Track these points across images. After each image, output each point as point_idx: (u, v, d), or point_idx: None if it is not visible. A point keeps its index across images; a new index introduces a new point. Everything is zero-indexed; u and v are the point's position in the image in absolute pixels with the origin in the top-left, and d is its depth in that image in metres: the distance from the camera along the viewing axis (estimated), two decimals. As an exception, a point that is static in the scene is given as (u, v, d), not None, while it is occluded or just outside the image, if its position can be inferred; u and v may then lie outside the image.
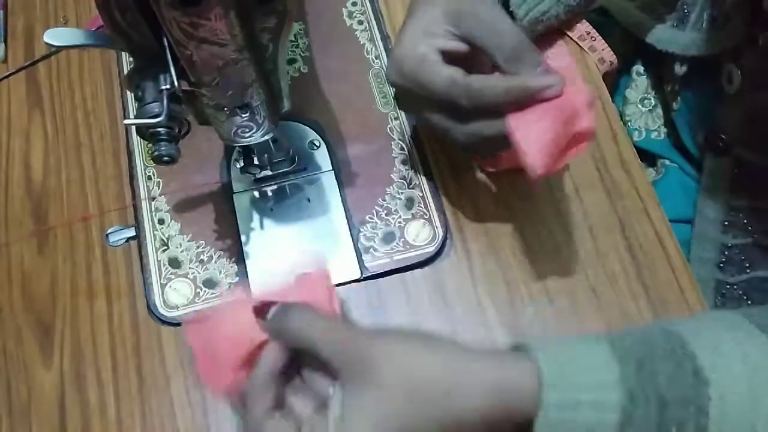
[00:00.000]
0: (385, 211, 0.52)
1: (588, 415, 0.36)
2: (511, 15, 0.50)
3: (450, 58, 0.44)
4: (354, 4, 0.61)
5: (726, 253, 0.59)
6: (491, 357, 0.38)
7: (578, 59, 0.57)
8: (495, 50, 0.42)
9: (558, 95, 0.41)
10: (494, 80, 0.43)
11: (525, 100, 0.41)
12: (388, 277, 0.50)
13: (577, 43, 0.57)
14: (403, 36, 0.45)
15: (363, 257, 0.51)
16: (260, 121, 0.44)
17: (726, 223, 0.59)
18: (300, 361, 0.40)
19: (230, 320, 0.40)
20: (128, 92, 0.58)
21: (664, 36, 0.62)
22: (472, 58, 0.44)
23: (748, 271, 0.58)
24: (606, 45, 0.57)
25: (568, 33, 0.57)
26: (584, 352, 0.38)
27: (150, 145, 0.45)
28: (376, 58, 0.58)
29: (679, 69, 0.63)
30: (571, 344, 0.38)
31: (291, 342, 0.38)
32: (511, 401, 0.36)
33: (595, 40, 0.57)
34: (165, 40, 0.39)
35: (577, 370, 0.37)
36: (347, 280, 0.50)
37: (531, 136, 0.41)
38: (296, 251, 0.51)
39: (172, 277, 0.51)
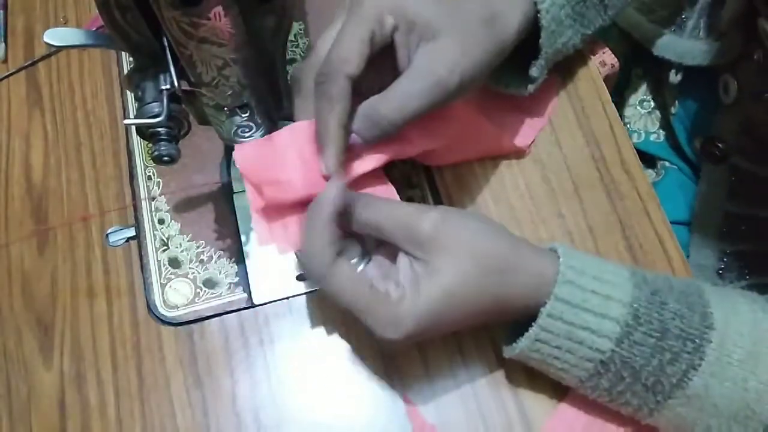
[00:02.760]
0: (385, 211, 0.52)
1: (590, 320, 0.39)
2: (538, 49, 0.47)
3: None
4: (354, 4, 0.61)
5: (725, 259, 0.60)
6: (536, 248, 0.42)
7: (579, 60, 0.57)
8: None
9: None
10: None
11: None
12: (388, 277, 0.50)
13: None
14: None
15: (363, 257, 0.51)
16: (260, 121, 0.44)
17: (724, 230, 0.59)
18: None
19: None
20: (128, 92, 0.58)
21: (661, 41, 0.62)
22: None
23: (747, 277, 0.59)
24: (607, 48, 0.57)
25: None
26: (606, 268, 0.41)
27: (150, 145, 0.45)
28: (376, 58, 0.58)
29: (674, 77, 0.63)
30: (596, 259, 0.42)
31: (361, 229, 0.41)
32: (543, 284, 0.40)
33: (595, 43, 0.57)
34: (165, 40, 0.39)
35: (594, 279, 0.40)
36: (347, 280, 0.50)
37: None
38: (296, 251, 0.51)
39: (172, 277, 0.51)
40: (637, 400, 0.41)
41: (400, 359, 0.48)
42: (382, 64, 0.41)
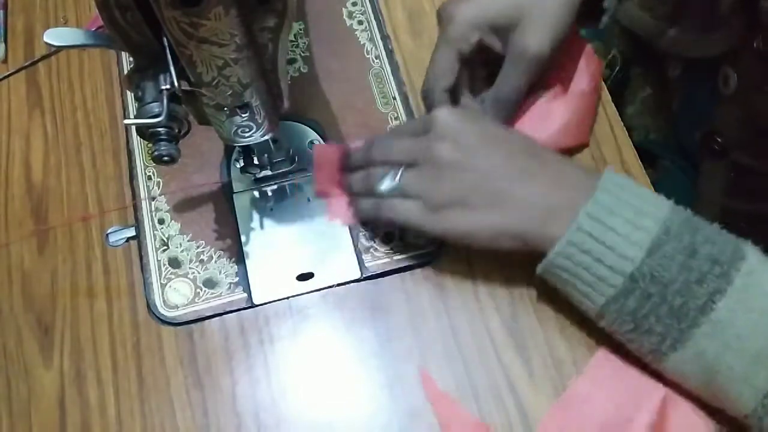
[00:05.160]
0: (385, 211, 0.52)
1: (623, 227, 0.41)
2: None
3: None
4: (354, 4, 0.61)
5: None
6: (580, 166, 0.47)
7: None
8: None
9: None
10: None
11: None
12: (388, 277, 0.50)
13: None
14: None
15: (363, 257, 0.51)
16: (260, 121, 0.44)
17: (723, 226, 0.59)
18: None
19: None
20: (128, 92, 0.58)
21: (661, 36, 0.62)
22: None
23: None
24: None
25: None
26: (647, 191, 0.43)
27: (150, 145, 0.45)
28: (376, 58, 0.58)
29: (674, 71, 0.63)
30: (641, 185, 0.44)
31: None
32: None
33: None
34: (165, 40, 0.39)
35: (633, 195, 0.42)
36: (347, 280, 0.50)
37: None
38: (296, 251, 0.51)
39: (172, 277, 0.51)
40: (661, 327, 0.40)
41: (400, 361, 0.48)
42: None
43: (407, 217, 0.45)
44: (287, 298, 0.50)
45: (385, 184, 0.46)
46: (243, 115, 0.43)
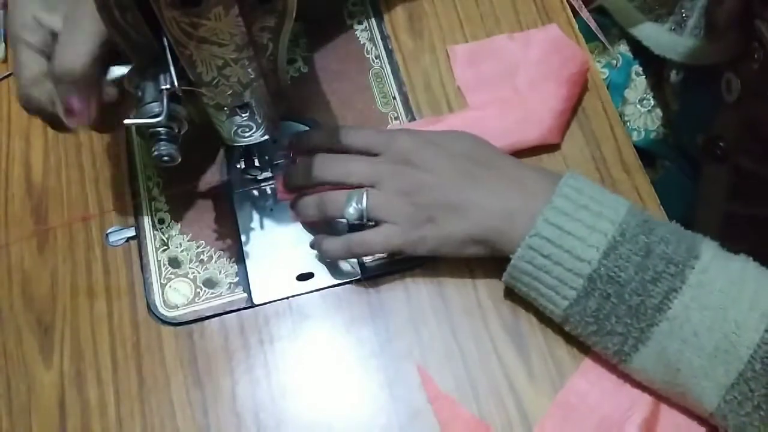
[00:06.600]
0: (385, 211, 0.52)
1: (580, 230, 0.42)
2: None
3: None
4: (354, 4, 0.61)
5: None
6: (539, 168, 0.48)
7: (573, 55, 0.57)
8: None
9: None
10: None
11: None
12: (387, 277, 0.50)
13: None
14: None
15: (363, 257, 0.51)
16: (260, 121, 0.44)
17: (724, 230, 0.59)
18: None
19: None
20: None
21: (661, 40, 0.62)
22: None
23: None
24: None
25: None
26: (606, 194, 0.44)
27: (150, 144, 0.45)
28: (376, 58, 0.58)
29: (675, 77, 0.63)
30: (600, 187, 0.45)
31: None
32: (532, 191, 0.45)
33: None
34: (165, 40, 0.39)
35: (590, 198, 0.43)
36: (347, 280, 0.50)
37: None
38: (296, 251, 0.51)
39: (172, 276, 0.51)
40: (621, 327, 0.42)
41: (400, 361, 0.48)
42: None
43: (386, 244, 0.47)
44: (287, 298, 0.50)
45: (353, 209, 0.47)
46: (243, 115, 0.43)
